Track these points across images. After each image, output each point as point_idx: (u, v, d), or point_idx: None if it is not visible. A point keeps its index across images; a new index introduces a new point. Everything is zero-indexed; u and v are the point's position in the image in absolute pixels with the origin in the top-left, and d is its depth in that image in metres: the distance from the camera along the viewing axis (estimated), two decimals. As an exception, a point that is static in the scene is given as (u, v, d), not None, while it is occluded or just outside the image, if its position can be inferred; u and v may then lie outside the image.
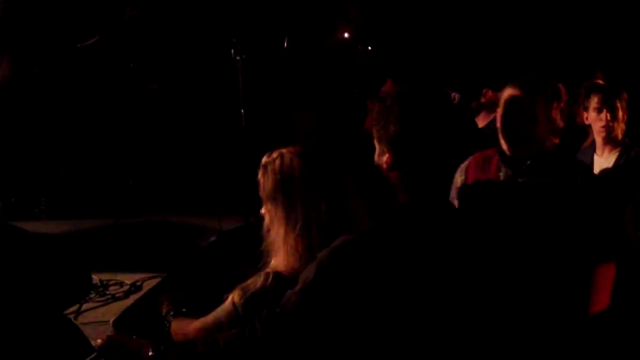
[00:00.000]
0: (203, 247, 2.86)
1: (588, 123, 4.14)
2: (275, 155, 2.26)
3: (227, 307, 2.20)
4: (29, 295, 2.71)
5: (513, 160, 3.24)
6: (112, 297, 4.26)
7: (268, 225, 2.26)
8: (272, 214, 2.25)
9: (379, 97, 2.85)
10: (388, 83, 2.88)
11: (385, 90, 2.86)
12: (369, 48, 7.45)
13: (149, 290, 3.02)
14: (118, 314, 3.09)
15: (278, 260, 2.20)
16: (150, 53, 7.02)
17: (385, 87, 2.88)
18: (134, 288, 4.42)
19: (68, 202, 6.54)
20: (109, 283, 4.48)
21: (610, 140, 3.97)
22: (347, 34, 7.64)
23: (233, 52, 5.68)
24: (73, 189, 6.71)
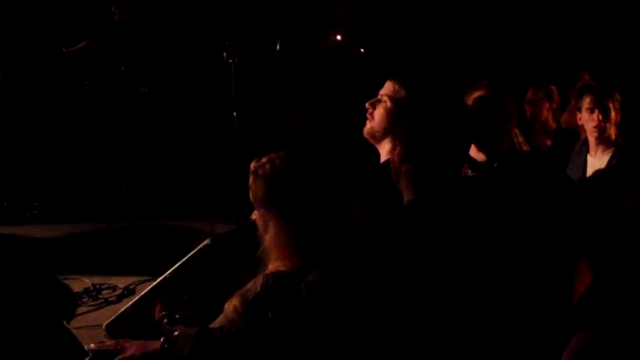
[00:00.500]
0: (196, 250, 2.84)
1: (581, 123, 4.15)
2: (265, 160, 2.24)
3: (229, 314, 2.16)
4: (23, 301, 2.70)
5: (478, 164, 3.19)
6: (105, 301, 4.24)
7: (262, 230, 2.25)
8: (266, 219, 2.23)
9: (377, 99, 2.83)
10: (387, 84, 2.85)
11: (384, 92, 2.83)
12: (361, 50, 7.45)
13: (142, 294, 3.00)
14: (111, 318, 3.07)
15: (277, 263, 2.18)
16: (142, 56, 7.00)
17: (384, 88, 2.85)
18: (127, 292, 4.40)
19: (61, 206, 6.53)
20: (102, 287, 4.47)
21: (603, 141, 3.96)
22: (339, 37, 7.64)
23: (225, 55, 5.67)
24: (66, 193, 6.70)
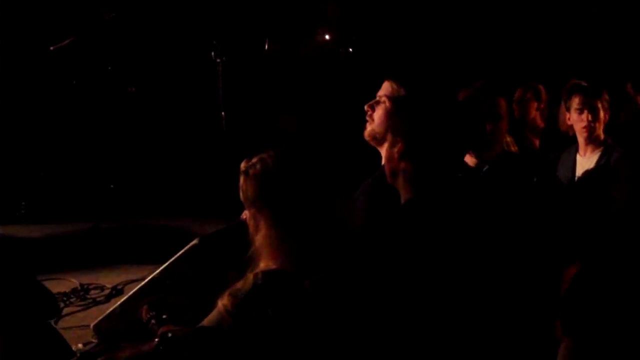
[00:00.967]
0: (184, 250, 2.82)
1: (570, 124, 4.16)
2: (255, 160, 2.22)
3: (219, 315, 2.13)
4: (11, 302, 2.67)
5: (468, 166, 3.19)
6: (92, 301, 4.24)
7: (253, 231, 2.23)
8: (256, 219, 2.20)
9: (376, 101, 2.82)
10: (385, 85, 2.83)
11: (383, 92, 2.81)
12: (350, 50, 7.46)
13: (131, 294, 2.98)
14: (99, 318, 3.04)
15: (268, 263, 2.16)
16: (130, 55, 6.98)
17: (382, 89, 2.83)
18: (115, 292, 4.39)
19: (49, 205, 6.50)
20: (90, 287, 4.46)
21: (592, 141, 3.98)
22: (327, 37, 7.65)
23: (213, 54, 5.64)
24: (53, 193, 6.67)
